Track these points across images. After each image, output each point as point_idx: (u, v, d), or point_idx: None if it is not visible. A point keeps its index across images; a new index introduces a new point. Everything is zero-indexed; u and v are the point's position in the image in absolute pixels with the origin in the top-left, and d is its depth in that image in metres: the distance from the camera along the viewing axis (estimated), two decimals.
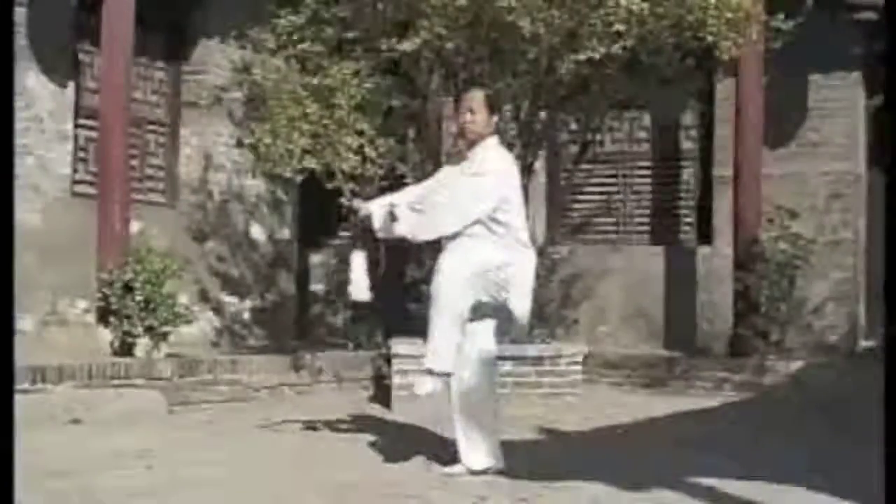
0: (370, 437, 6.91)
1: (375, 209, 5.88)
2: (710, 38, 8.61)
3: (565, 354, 9.20)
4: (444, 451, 5.88)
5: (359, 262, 6.18)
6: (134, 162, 10.00)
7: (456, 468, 5.61)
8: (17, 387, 6.84)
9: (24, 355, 7.28)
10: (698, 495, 5.13)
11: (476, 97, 5.77)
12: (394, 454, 6.15)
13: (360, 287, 6.19)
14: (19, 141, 9.23)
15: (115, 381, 7.90)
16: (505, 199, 5.57)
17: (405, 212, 5.75)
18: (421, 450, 6.24)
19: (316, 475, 5.60)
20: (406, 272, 11.05)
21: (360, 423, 7.65)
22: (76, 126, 10.05)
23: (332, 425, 7.49)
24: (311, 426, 7.41)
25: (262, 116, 9.18)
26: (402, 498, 5.07)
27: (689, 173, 12.01)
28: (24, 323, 9.15)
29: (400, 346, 8.82)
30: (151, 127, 10.95)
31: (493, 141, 5.74)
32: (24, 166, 9.32)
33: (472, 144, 5.72)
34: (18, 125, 9.22)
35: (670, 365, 10.22)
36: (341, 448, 6.54)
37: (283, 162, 8.87)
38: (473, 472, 5.54)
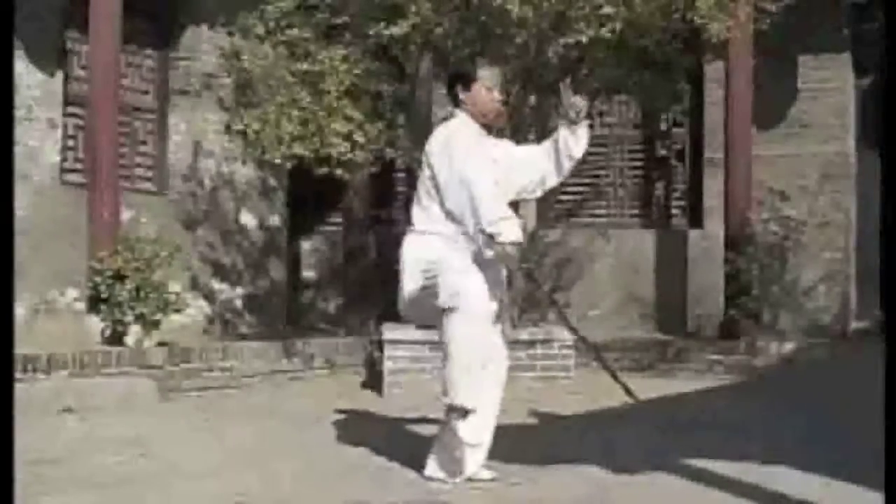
0: (362, 424, 6.91)
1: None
2: (698, 20, 8.60)
3: (557, 338, 9.19)
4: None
5: None
6: (123, 150, 9.96)
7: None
8: None
9: (14, 344, 7.26)
10: (691, 476, 5.14)
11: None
12: (384, 439, 6.16)
13: None
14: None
15: (107, 370, 7.89)
16: None
17: None
18: (411, 435, 6.26)
19: (308, 461, 5.60)
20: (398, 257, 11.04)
21: (351, 410, 7.64)
22: (64, 114, 10.01)
23: (325, 412, 7.49)
24: (303, 413, 7.41)
25: (251, 103, 9.16)
26: (392, 482, 5.07)
27: (679, 156, 12.01)
28: (15, 312, 9.13)
29: (392, 332, 8.81)
30: (140, 114, 10.91)
31: None
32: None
33: (489, 127, 5.32)
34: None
35: (662, 347, 10.23)
36: (334, 434, 6.53)
37: (272, 148, 8.86)
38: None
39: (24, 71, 9.48)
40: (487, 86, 5.15)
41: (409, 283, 5.08)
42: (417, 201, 5.17)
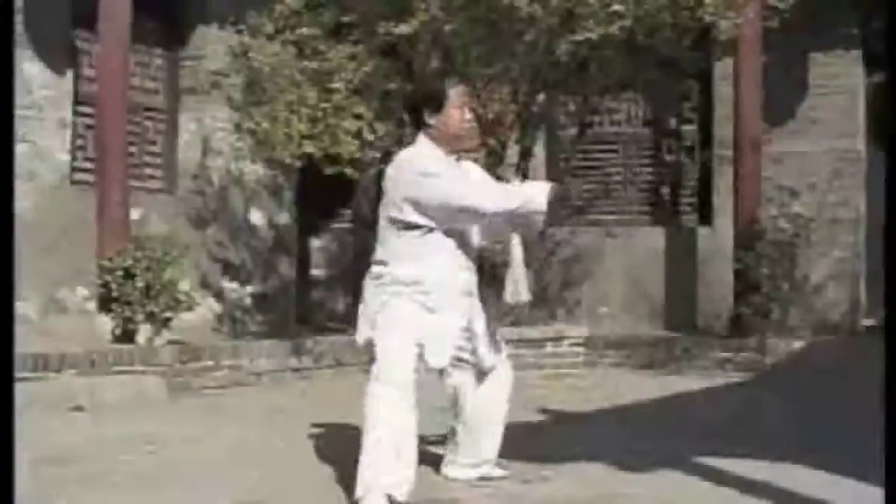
0: None
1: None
2: (708, 18, 8.60)
3: (567, 336, 9.20)
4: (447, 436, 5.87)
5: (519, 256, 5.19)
6: (132, 149, 9.97)
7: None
8: (19, 375, 6.85)
9: (25, 343, 7.29)
10: (701, 475, 5.14)
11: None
12: None
13: (521, 286, 5.17)
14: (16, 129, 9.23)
15: (117, 368, 7.90)
16: None
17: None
18: (417, 434, 6.24)
19: (315, 460, 5.61)
20: None
21: (360, 408, 7.62)
22: (74, 114, 10.02)
23: (333, 410, 7.48)
24: (312, 411, 7.41)
25: (260, 101, 9.17)
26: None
27: (688, 153, 11.99)
28: (26, 311, 9.15)
29: None
30: (149, 113, 10.92)
31: None
32: (21, 154, 9.28)
33: (459, 152, 4.94)
34: (16, 113, 9.22)
35: (671, 345, 10.23)
36: (343, 433, 6.53)
37: (281, 147, 8.87)
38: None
39: (34, 71, 9.49)
40: (458, 105, 4.78)
41: (362, 327, 5.13)
42: (381, 232, 5.02)
